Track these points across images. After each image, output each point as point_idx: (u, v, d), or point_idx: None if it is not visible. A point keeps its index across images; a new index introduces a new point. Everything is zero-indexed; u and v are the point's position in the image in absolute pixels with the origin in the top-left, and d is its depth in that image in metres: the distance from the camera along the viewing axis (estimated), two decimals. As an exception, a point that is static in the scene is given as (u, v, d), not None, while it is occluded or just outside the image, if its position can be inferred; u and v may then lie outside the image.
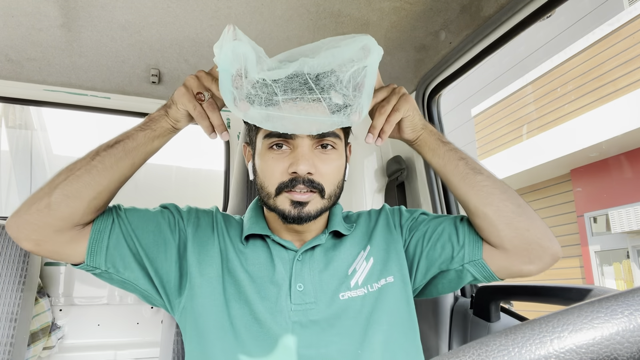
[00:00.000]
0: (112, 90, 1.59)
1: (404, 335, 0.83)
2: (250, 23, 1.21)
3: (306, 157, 0.76)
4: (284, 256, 0.86)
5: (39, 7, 1.15)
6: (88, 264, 0.79)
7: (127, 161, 0.78)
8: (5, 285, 1.21)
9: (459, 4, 1.10)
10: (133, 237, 0.81)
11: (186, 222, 0.88)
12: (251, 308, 0.80)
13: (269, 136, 0.78)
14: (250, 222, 0.89)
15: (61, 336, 1.63)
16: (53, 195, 0.73)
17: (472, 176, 0.81)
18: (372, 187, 1.75)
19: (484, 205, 0.79)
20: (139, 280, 0.83)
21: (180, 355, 0.99)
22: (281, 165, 0.78)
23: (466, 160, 0.83)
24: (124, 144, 0.78)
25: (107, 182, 0.76)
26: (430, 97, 1.42)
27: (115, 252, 0.80)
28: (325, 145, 0.79)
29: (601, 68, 6.32)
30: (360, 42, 0.73)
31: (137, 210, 0.85)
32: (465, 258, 0.83)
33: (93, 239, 0.79)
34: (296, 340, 0.78)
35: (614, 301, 0.24)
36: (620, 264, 6.61)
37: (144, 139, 0.79)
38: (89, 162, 0.76)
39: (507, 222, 0.78)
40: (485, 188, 0.80)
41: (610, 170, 6.45)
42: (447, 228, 0.87)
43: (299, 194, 0.77)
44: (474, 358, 0.24)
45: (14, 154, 2.33)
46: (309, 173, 0.76)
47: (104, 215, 0.81)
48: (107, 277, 0.82)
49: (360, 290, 0.84)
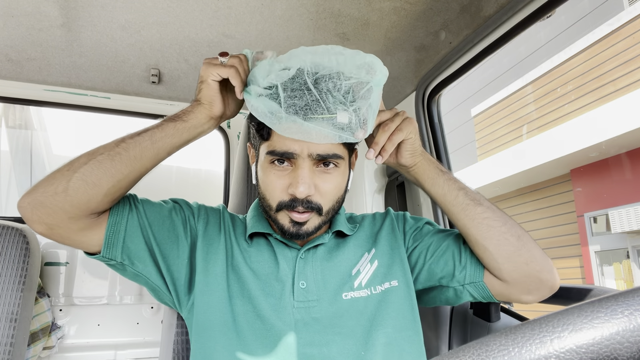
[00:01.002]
0: (112, 90, 1.59)
1: (408, 339, 0.83)
2: (250, 23, 1.21)
3: (305, 180, 0.75)
4: (287, 254, 0.86)
5: (39, 7, 1.15)
6: (104, 255, 0.78)
7: (152, 151, 0.76)
8: (5, 285, 1.21)
9: (459, 4, 1.10)
10: (149, 231, 0.81)
11: (197, 219, 0.88)
12: (254, 305, 0.81)
13: (272, 153, 0.77)
14: (253, 221, 0.90)
15: (61, 336, 1.63)
16: (72, 180, 0.71)
17: (472, 208, 0.80)
18: (372, 187, 1.75)
19: (484, 239, 0.79)
20: (151, 275, 0.83)
21: (180, 355, 0.99)
22: (282, 183, 0.78)
23: (465, 191, 0.83)
24: (151, 133, 0.77)
25: (128, 171, 0.75)
26: (430, 97, 1.42)
27: (131, 245, 0.79)
28: (327, 163, 0.78)
29: (601, 68, 6.32)
30: (365, 57, 0.75)
31: (152, 204, 0.84)
32: (467, 279, 0.83)
33: (110, 230, 0.77)
34: (298, 338, 0.78)
35: (614, 301, 0.24)
36: (620, 264, 6.61)
37: (172, 130, 0.77)
38: (113, 149, 0.74)
39: (506, 256, 0.78)
40: (486, 221, 0.79)
41: (610, 170, 6.45)
42: (452, 246, 0.86)
43: (298, 214, 0.78)
44: (474, 358, 0.24)
45: (14, 153, 2.33)
46: (308, 195, 0.76)
47: (119, 204, 0.80)
48: (121, 268, 0.82)
49: (364, 292, 0.84)
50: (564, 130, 6.49)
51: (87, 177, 0.72)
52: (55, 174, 0.73)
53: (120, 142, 0.75)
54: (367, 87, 0.75)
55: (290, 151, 0.75)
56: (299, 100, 0.71)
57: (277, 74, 0.73)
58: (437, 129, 1.43)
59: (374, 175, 1.76)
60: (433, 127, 1.43)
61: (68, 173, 0.72)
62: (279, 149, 0.76)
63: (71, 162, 0.74)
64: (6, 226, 1.26)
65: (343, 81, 0.73)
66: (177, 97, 1.64)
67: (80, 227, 0.75)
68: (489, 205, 0.81)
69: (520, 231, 0.79)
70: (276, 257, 0.86)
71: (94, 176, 0.72)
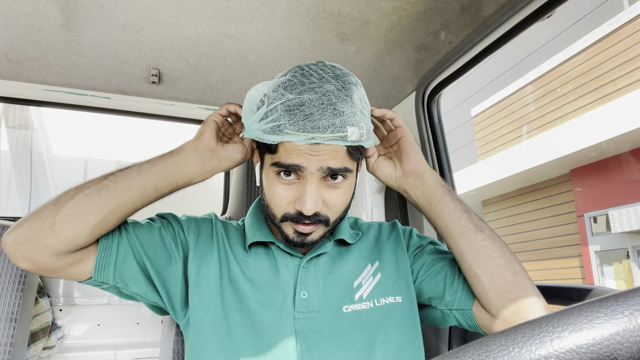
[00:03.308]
0: (112, 90, 1.59)
1: (410, 357, 0.81)
2: (250, 23, 1.21)
3: (313, 197, 0.72)
4: (288, 263, 0.84)
5: (39, 7, 1.15)
6: (95, 279, 0.77)
7: (139, 182, 0.75)
8: (5, 285, 1.21)
9: (459, 4, 1.10)
10: (141, 252, 0.79)
11: (186, 232, 0.85)
12: (252, 318, 0.79)
13: (278, 165, 0.73)
14: (253, 228, 0.87)
15: (61, 336, 1.63)
16: (59, 215, 0.69)
17: (472, 234, 0.77)
18: (372, 187, 1.75)
19: (479, 269, 0.75)
20: (148, 294, 0.82)
21: (180, 355, 0.99)
22: (288, 196, 0.74)
23: (469, 214, 0.79)
24: (139, 165, 0.77)
25: (115, 203, 0.73)
26: (430, 97, 1.42)
27: (124, 267, 0.78)
28: (335, 176, 0.74)
29: (601, 68, 6.32)
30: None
31: (141, 224, 0.83)
32: (455, 304, 0.81)
33: (101, 255, 0.76)
34: (298, 351, 0.76)
35: (614, 301, 0.24)
36: (620, 264, 6.61)
37: (159, 160, 0.78)
38: (100, 182, 0.74)
39: (498, 290, 0.74)
40: (484, 250, 0.76)
41: (610, 170, 6.45)
42: (447, 267, 0.84)
43: (303, 226, 0.76)
44: (474, 358, 0.24)
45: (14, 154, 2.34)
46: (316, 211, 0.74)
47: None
48: (116, 291, 0.81)
49: (365, 304, 0.82)
50: (564, 130, 6.49)
51: (74, 212, 0.70)
52: (42, 209, 0.71)
53: (108, 175, 0.75)
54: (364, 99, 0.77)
55: (297, 164, 0.71)
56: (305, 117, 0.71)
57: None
58: (437, 129, 1.43)
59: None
60: (433, 127, 1.43)
61: (54, 208, 0.70)
62: (285, 161, 0.72)
63: (58, 197, 0.72)
64: (6, 226, 1.26)
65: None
66: (177, 97, 1.64)
67: (67, 263, 0.73)
68: (490, 234, 0.78)
69: (517, 267, 0.75)
70: (277, 265, 0.84)
71: (80, 210, 0.70)
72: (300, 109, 0.69)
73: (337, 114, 0.70)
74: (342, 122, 0.70)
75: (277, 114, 0.71)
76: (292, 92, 0.71)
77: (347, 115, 0.71)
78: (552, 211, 7.34)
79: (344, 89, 0.72)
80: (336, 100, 0.71)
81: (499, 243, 0.77)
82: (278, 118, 0.70)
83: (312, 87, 0.71)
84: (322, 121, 0.69)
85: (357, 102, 0.74)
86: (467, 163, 8.82)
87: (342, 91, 0.72)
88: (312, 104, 0.69)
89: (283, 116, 0.70)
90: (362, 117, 0.74)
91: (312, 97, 0.70)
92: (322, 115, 0.69)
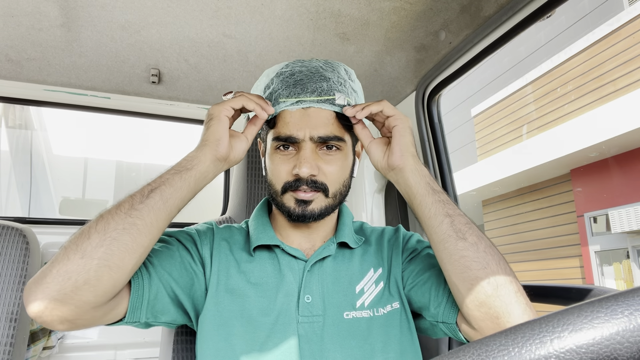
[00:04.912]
0: (112, 90, 1.59)
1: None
2: (250, 23, 1.21)
3: (308, 159, 0.78)
4: (293, 266, 0.84)
5: (39, 7, 1.15)
6: (128, 321, 0.74)
7: (165, 212, 0.69)
8: (5, 285, 1.21)
9: (459, 4, 1.10)
10: (171, 283, 0.77)
11: (200, 247, 0.85)
12: (255, 326, 0.78)
13: (277, 139, 0.81)
14: (258, 231, 0.87)
15: (61, 336, 1.63)
16: (93, 268, 0.62)
17: (452, 241, 0.71)
18: (372, 187, 1.75)
19: (457, 279, 0.70)
20: (177, 320, 0.81)
21: (180, 355, 0.99)
22: (286, 166, 0.81)
23: (452, 219, 0.73)
24: (161, 192, 0.69)
25: (149, 241, 0.68)
26: (430, 97, 1.42)
27: (156, 302, 0.75)
28: (330, 146, 0.82)
29: (601, 68, 6.33)
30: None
31: (161, 252, 0.79)
32: (439, 317, 0.78)
33: (134, 297, 0.72)
34: (300, 355, 0.76)
35: (614, 301, 0.24)
36: (620, 264, 6.61)
37: (180, 182, 0.71)
38: (124, 219, 0.65)
39: (477, 304, 0.68)
40: (462, 260, 0.70)
41: (610, 170, 6.45)
42: (433, 277, 0.80)
43: (303, 193, 0.80)
44: (474, 358, 0.24)
45: (14, 154, 2.34)
46: (312, 175, 0.79)
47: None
48: (144, 326, 0.78)
49: (366, 312, 0.82)
50: (564, 130, 6.49)
51: (110, 261, 0.64)
52: (67, 264, 0.62)
53: (129, 209, 0.67)
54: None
55: (293, 135, 0.79)
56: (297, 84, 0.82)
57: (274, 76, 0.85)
58: (437, 129, 1.43)
59: (374, 176, 1.76)
60: (433, 127, 1.43)
61: (83, 262, 0.62)
62: (283, 134, 0.80)
63: (78, 245, 0.64)
64: (6, 226, 1.26)
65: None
66: (177, 97, 1.64)
67: (104, 313, 0.69)
68: (475, 242, 0.70)
69: (502, 279, 0.68)
70: (281, 268, 0.84)
71: (115, 258, 0.64)
72: (291, 78, 0.82)
73: (324, 79, 0.82)
74: (329, 86, 0.81)
75: (273, 85, 0.84)
76: (286, 68, 0.85)
77: (333, 82, 0.82)
78: (552, 211, 7.34)
79: (331, 65, 0.86)
80: (323, 71, 0.83)
81: (484, 252, 0.70)
82: (275, 90, 0.83)
83: (303, 65, 0.85)
84: (310, 84, 0.81)
85: (343, 75, 0.85)
86: (467, 163, 8.82)
87: (329, 65, 0.85)
88: (302, 74, 0.82)
89: (278, 87, 0.82)
90: (352, 91, 0.85)
91: (302, 69, 0.83)
92: (309, 80, 0.81)
